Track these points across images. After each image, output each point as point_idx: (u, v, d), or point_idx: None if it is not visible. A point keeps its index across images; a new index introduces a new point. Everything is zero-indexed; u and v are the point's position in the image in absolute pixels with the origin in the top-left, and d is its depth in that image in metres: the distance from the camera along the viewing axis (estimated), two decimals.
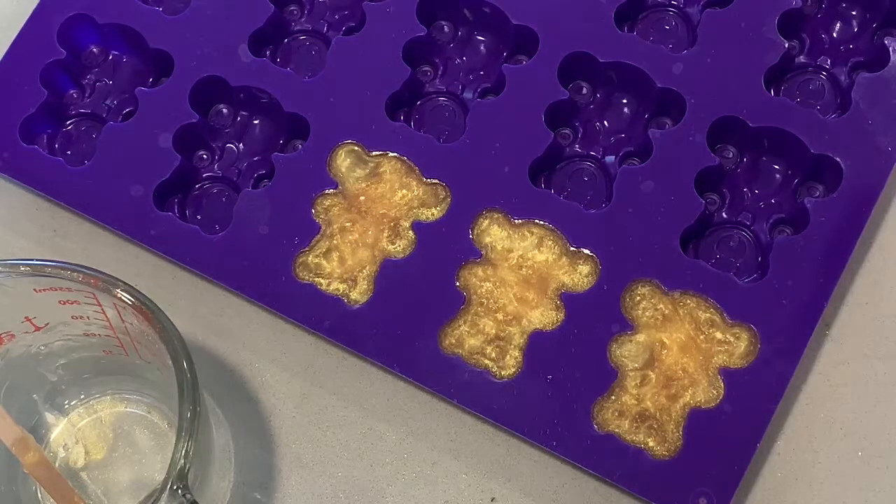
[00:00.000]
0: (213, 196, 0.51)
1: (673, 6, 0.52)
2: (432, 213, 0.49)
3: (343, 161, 0.49)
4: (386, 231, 0.48)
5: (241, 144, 0.52)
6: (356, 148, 0.50)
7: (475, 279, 0.47)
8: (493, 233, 0.48)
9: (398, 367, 0.46)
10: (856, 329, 0.49)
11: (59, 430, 0.47)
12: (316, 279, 0.48)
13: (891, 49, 0.49)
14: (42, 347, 0.45)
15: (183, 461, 0.38)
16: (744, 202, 0.49)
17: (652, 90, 0.50)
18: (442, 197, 0.49)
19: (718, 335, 0.46)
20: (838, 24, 0.52)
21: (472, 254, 0.48)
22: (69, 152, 0.52)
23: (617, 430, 0.45)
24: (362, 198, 0.49)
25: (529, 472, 0.47)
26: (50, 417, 0.47)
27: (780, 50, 0.49)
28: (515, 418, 0.45)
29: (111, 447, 0.47)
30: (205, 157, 0.52)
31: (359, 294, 0.47)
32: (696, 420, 0.45)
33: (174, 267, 0.50)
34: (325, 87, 0.50)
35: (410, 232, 0.48)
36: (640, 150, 0.50)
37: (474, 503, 0.47)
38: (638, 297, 0.47)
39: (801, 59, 0.51)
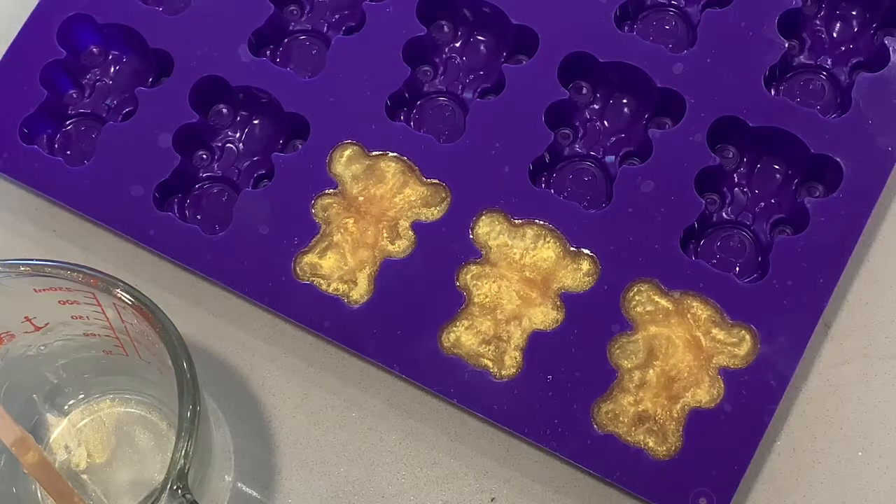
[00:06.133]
0: (213, 196, 0.51)
1: (673, 6, 0.52)
2: (432, 213, 0.49)
3: (343, 161, 0.49)
4: (386, 231, 0.48)
5: (241, 144, 0.52)
6: (356, 148, 0.50)
7: (475, 279, 0.47)
8: (493, 233, 0.48)
9: (398, 367, 0.46)
10: (856, 329, 0.49)
11: (60, 430, 0.47)
12: (316, 279, 0.48)
13: (891, 49, 0.49)
14: (42, 347, 0.45)
15: (183, 461, 0.38)
16: (744, 202, 0.49)
17: (652, 90, 0.50)
18: (442, 197, 0.49)
19: (719, 335, 0.46)
20: (838, 24, 0.52)
21: (472, 254, 0.48)
22: (69, 152, 0.52)
23: (617, 431, 0.45)
24: (362, 198, 0.49)
25: (529, 472, 0.47)
26: (50, 418, 0.47)
27: (780, 50, 0.49)
28: (515, 418, 0.45)
29: (113, 450, 0.47)
30: (205, 157, 0.52)
31: (359, 294, 0.47)
32: (696, 420, 0.45)
33: (174, 267, 0.50)
34: (325, 87, 0.50)
35: (410, 232, 0.48)
36: (640, 150, 0.50)
37: (474, 503, 0.47)
38: (638, 297, 0.47)
39: (801, 59, 0.51)
